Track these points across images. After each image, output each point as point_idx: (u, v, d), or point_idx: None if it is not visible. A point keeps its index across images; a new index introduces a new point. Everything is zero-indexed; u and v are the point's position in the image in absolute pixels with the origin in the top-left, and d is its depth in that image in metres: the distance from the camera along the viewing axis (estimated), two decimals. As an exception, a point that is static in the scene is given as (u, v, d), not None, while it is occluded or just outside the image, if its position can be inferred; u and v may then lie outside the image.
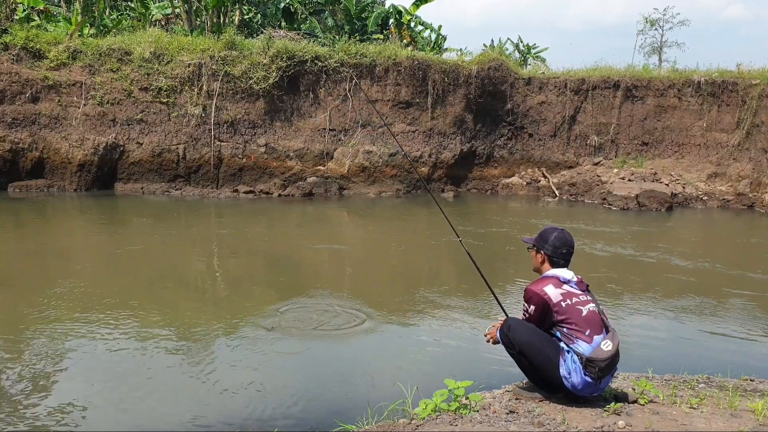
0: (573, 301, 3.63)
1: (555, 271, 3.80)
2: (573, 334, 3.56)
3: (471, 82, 17.59)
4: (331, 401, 4.49)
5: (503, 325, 3.76)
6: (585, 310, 3.61)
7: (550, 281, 3.74)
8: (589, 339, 3.54)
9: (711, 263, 9.67)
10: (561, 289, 3.67)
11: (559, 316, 3.60)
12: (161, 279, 8.06)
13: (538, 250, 3.91)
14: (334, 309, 6.66)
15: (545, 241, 3.87)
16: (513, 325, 3.71)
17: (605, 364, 3.50)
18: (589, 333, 3.55)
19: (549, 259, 3.85)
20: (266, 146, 16.41)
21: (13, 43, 15.43)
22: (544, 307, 3.65)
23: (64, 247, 9.99)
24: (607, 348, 3.53)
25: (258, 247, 10.43)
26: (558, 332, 3.62)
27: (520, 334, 3.66)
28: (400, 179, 16.90)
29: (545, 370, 3.60)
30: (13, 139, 14.89)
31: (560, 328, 3.61)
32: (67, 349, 5.29)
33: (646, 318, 6.78)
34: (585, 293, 3.69)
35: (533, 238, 4.02)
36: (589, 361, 3.49)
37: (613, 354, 3.53)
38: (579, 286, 3.70)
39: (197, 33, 19.42)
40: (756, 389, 4.22)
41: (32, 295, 6.90)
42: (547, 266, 3.87)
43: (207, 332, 5.83)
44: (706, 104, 17.73)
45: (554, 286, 3.68)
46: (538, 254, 3.92)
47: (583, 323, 3.57)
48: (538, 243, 3.92)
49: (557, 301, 3.63)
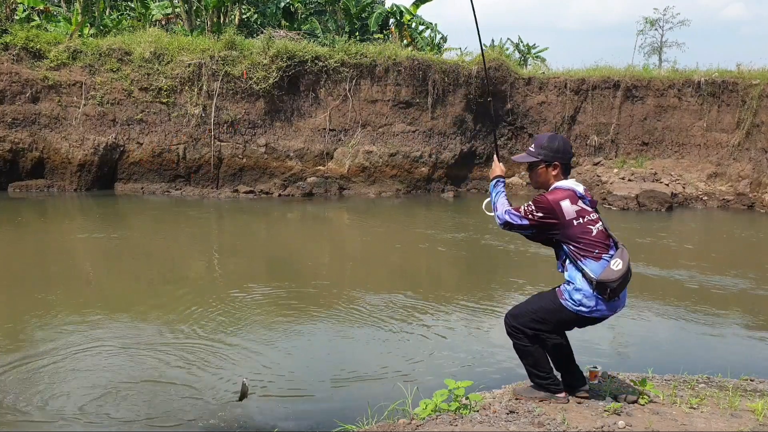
0: (585, 220, 3.45)
1: (569, 183, 3.54)
2: (582, 252, 3.42)
3: (471, 82, 17.59)
4: (331, 401, 4.50)
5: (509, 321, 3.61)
6: (595, 229, 3.46)
7: (566, 194, 3.48)
8: (597, 258, 3.41)
9: (711, 263, 9.67)
10: (576, 206, 3.45)
11: (570, 234, 3.43)
12: (161, 279, 8.06)
13: (549, 163, 3.58)
14: (334, 309, 6.66)
15: (555, 150, 3.55)
16: (513, 313, 3.62)
17: (617, 285, 3.37)
18: (597, 252, 3.42)
19: (563, 169, 3.57)
20: (266, 146, 16.41)
21: (13, 43, 15.42)
22: (551, 219, 3.44)
23: (64, 247, 9.98)
24: (617, 267, 3.38)
25: (258, 247, 10.43)
26: (566, 247, 3.48)
27: (522, 311, 3.58)
28: (400, 179, 16.90)
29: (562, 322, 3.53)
30: (13, 139, 14.89)
31: (569, 245, 3.46)
32: (67, 349, 5.29)
33: (646, 318, 6.78)
34: (594, 211, 3.52)
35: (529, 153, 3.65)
36: (599, 284, 3.36)
37: (624, 272, 3.38)
38: (591, 204, 3.52)
39: (197, 33, 19.41)
40: (756, 389, 4.21)
41: (32, 295, 6.90)
42: (559, 177, 3.57)
43: (207, 332, 5.82)
44: (706, 104, 17.72)
45: (570, 201, 3.45)
46: (549, 168, 3.58)
47: (593, 243, 3.43)
48: (547, 154, 3.56)
49: (570, 218, 3.43)
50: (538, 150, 3.59)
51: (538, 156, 3.59)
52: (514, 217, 3.54)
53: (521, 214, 3.51)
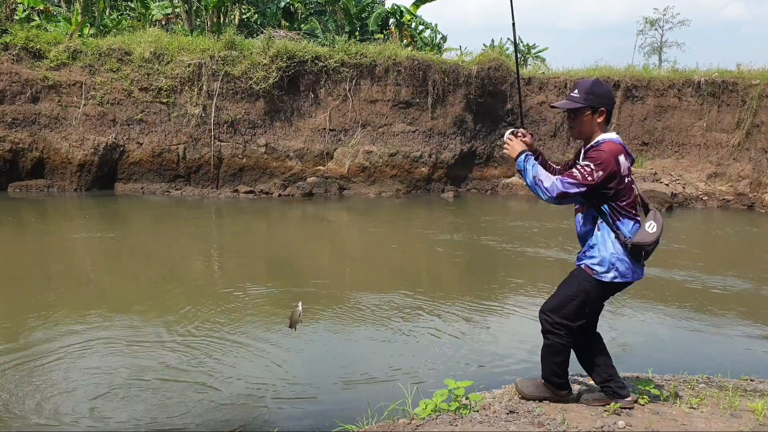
0: (630, 179, 3.26)
1: (615, 136, 3.29)
2: (622, 212, 3.23)
3: (471, 82, 17.59)
4: (331, 401, 4.49)
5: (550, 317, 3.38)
6: (634, 188, 3.29)
7: (620, 150, 3.22)
8: (634, 219, 3.27)
9: (711, 263, 9.67)
10: (627, 162, 3.22)
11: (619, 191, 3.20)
12: (162, 279, 8.06)
13: (596, 109, 3.28)
14: (334, 309, 6.66)
15: (602, 95, 3.27)
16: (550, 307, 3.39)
17: (651, 248, 3.24)
18: (634, 213, 3.28)
19: (607, 116, 3.28)
20: (266, 146, 16.41)
21: (13, 43, 15.43)
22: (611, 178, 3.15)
23: (64, 247, 9.98)
24: (652, 230, 3.23)
25: (258, 247, 10.42)
26: (606, 206, 3.25)
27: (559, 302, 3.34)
28: (400, 179, 16.91)
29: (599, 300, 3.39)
30: (13, 139, 14.89)
31: (611, 204, 3.23)
32: (67, 349, 5.28)
33: (646, 318, 6.78)
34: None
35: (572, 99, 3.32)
36: (634, 246, 3.21)
37: (659, 235, 3.25)
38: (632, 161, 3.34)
39: (197, 33, 19.41)
40: (756, 389, 4.21)
41: (32, 295, 6.90)
42: (602, 127, 3.30)
43: (207, 332, 5.82)
44: (706, 104, 17.73)
45: (624, 158, 3.20)
46: (595, 115, 3.29)
47: (632, 203, 3.27)
48: (594, 99, 3.27)
49: (624, 174, 3.20)
50: (583, 95, 3.28)
51: (584, 102, 3.28)
52: (570, 186, 3.19)
53: (578, 180, 3.17)
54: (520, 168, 3.34)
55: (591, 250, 3.35)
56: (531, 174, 3.29)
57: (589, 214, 3.36)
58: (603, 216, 3.28)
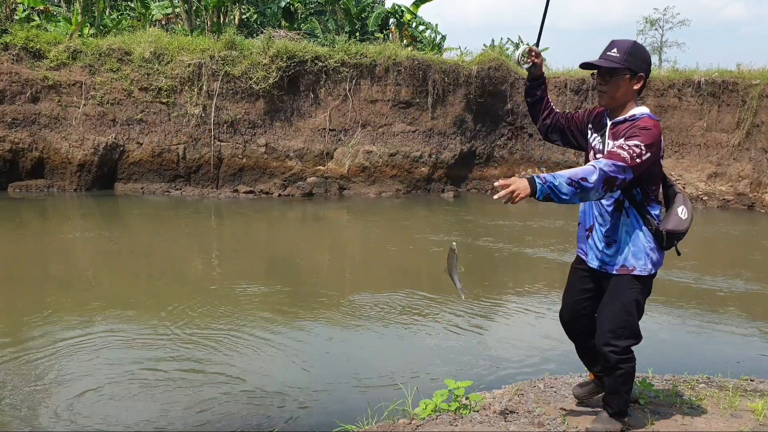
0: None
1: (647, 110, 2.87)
2: (653, 195, 2.91)
3: (471, 82, 17.58)
4: (331, 401, 4.49)
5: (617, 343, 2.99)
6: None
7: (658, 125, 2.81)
8: (660, 202, 2.97)
9: (711, 263, 9.67)
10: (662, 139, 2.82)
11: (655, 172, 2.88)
12: (162, 278, 8.06)
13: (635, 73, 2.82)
14: (334, 308, 6.66)
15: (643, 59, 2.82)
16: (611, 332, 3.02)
17: (684, 235, 2.95)
18: (660, 198, 2.96)
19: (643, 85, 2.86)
20: (266, 146, 16.40)
21: (13, 43, 15.42)
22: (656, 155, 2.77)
23: (64, 246, 9.98)
24: (684, 216, 2.94)
25: (258, 246, 10.42)
26: (638, 189, 2.86)
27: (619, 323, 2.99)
28: (400, 179, 16.90)
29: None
30: (13, 139, 14.88)
31: (645, 186, 2.87)
32: (67, 349, 5.29)
33: (646, 318, 6.76)
34: None
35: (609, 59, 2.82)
36: (669, 234, 2.90)
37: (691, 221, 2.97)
38: None
39: (197, 33, 19.41)
40: (756, 389, 4.21)
41: (31, 295, 6.90)
42: (636, 96, 2.87)
43: (207, 332, 5.82)
44: (706, 104, 17.72)
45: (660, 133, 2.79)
46: (633, 80, 2.83)
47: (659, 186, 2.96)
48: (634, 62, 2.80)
49: (662, 154, 2.87)
50: (623, 56, 2.81)
51: (624, 63, 2.81)
52: (617, 173, 2.68)
53: (626, 164, 2.68)
54: (546, 192, 2.68)
55: (619, 245, 2.98)
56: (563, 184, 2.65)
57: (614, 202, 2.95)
58: (633, 202, 2.89)
